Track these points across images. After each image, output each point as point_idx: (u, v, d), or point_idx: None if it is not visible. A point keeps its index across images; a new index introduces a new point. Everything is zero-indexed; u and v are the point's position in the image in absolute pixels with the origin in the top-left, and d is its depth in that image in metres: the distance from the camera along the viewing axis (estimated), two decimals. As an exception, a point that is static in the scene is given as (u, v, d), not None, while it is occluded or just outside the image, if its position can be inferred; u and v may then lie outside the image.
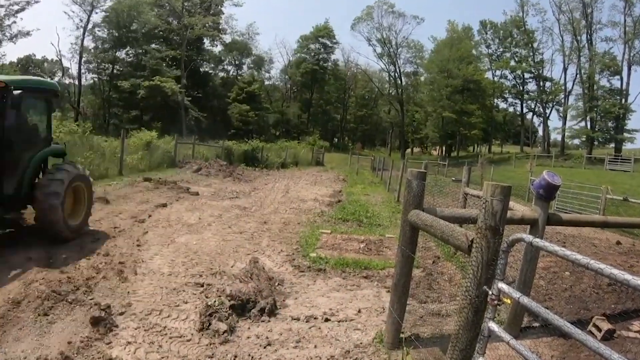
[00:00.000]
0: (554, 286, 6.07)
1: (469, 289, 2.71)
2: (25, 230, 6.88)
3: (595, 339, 1.94)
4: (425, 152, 78.94)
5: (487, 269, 2.63)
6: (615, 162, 40.36)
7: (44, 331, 3.88)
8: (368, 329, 4.46)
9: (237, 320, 4.41)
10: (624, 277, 1.74)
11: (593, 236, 10.88)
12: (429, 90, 61.71)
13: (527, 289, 4.35)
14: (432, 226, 3.37)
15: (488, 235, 2.63)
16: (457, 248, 3.43)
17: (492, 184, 2.70)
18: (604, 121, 51.18)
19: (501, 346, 3.58)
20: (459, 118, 56.87)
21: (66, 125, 16.32)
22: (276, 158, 31.49)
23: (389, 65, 70.55)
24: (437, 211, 3.96)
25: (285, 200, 13.53)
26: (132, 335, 3.93)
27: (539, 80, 61.19)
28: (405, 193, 3.95)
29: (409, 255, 3.93)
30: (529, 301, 2.31)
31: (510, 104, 69.65)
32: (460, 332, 2.77)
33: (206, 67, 64.75)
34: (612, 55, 51.58)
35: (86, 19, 50.97)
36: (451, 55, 58.37)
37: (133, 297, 4.79)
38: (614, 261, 7.86)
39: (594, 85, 51.56)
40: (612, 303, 5.51)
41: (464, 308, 2.74)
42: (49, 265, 5.54)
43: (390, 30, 67.76)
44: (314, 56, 68.05)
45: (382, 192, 18.28)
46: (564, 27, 55.12)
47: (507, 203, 2.71)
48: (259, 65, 70.98)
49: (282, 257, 6.94)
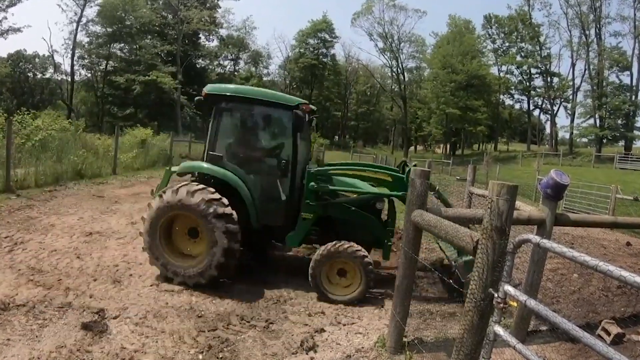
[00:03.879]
0: (561, 288, 6.06)
1: (474, 291, 2.70)
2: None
3: (604, 343, 1.94)
4: (429, 150, 78.85)
5: (492, 271, 2.61)
6: (625, 161, 40.27)
7: (35, 335, 3.88)
8: (370, 333, 4.46)
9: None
10: (634, 280, 1.73)
11: (602, 237, 10.86)
12: (432, 86, 61.62)
13: (534, 292, 4.34)
14: (436, 227, 3.36)
15: (494, 236, 2.62)
16: (462, 249, 3.42)
17: (498, 183, 2.69)
18: (613, 118, 51.03)
19: (507, 351, 3.58)
20: (463, 114, 56.79)
21: (58, 122, 16.28)
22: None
23: (392, 60, 70.59)
24: (441, 211, 3.96)
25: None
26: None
27: (546, 76, 60.99)
28: (408, 192, 3.94)
29: (412, 257, 3.92)
30: (536, 304, 2.31)
31: (517, 101, 69.41)
32: (465, 336, 2.76)
33: (202, 63, 64.71)
34: (621, 50, 51.60)
35: (80, 12, 51.03)
36: (454, 50, 58.30)
37: (126, 300, 4.79)
38: (624, 263, 7.86)
39: (602, 81, 51.41)
40: (622, 306, 5.51)
41: (468, 311, 2.73)
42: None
43: (392, 25, 67.78)
44: (313, 51, 68.03)
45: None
46: (572, 21, 55.05)
47: (513, 203, 2.70)
48: (256, 61, 70.96)
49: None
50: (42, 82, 59.47)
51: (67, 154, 13.10)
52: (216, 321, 4.45)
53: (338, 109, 74.11)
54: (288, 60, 72.53)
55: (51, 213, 8.34)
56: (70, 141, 14.60)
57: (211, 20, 59.61)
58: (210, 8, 59.42)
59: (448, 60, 58.39)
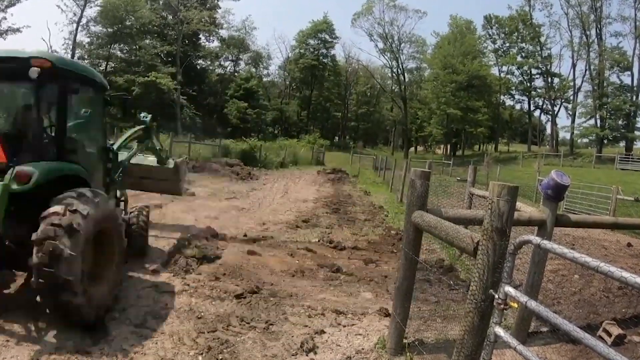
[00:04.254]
0: (562, 290, 6.07)
1: (474, 292, 2.70)
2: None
3: (605, 344, 1.94)
4: (429, 150, 78.84)
5: (493, 272, 2.62)
6: (626, 162, 40.25)
7: (34, 337, 3.88)
8: (370, 334, 4.45)
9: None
10: (635, 281, 1.73)
11: (603, 238, 10.86)
12: (433, 86, 61.63)
13: (534, 293, 4.34)
14: (436, 228, 3.37)
15: (494, 237, 2.63)
16: (462, 250, 3.43)
17: (498, 184, 2.70)
18: (614, 119, 51.05)
19: (508, 352, 3.57)
20: (464, 115, 56.81)
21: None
22: (275, 157, 31.48)
23: (392, 61, 70.63)
24: (442, 212, 3.96)
25: (285, 201, 13.56)
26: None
27: (546, 77, 60.98)
28: (408, 193, 3.94)
29: (412, 258, 3.92)
30: (537, 305, 2.31)
31: (517, 101, 69.44)
32: (466, 338, 2.76)
33: (202, 64, 64.68)
34: (622, 50, 51.62)
35: (80, 13, 50.98)
36: (455, 50, 58.34)
37: (126, 302, 4.79)
38: (625, 264, 7.86)
39: (603, 81, 51.45)
40: (623, 307, 5.51)
41: (469, 312, 2.74)
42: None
43: (392, 25, 67.82)
44: (313, 52, 68.06)
45: (384, 192, 18.30)
46: (572, 21, 55.07)
47: (514, 204, 2.71)
48: (256, 62, 70.93)
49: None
50: (42, 83, 59.35)
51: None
52: (216, 322, 4.45)
53: (338, 110, 74.10)
54: (288, 61, 72.54)
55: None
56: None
57: (211, 20, 59.61)
58: (210, 8, 59.40)
59: (449, 60, 58.42)
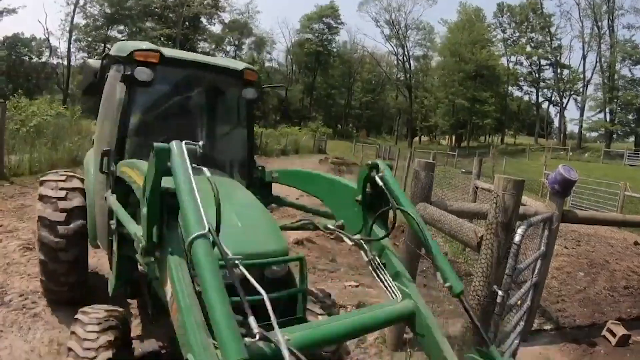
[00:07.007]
0: (567, 287, 6.05)
1: (477, 288, 2.69)
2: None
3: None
4: (434, 141, 78.55)
5: (497, 267, 2.60)
6: (635, 157, 40.06)
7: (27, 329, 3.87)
8: (369, 329, 4.44)
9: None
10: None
11: (609, 235, 10.80)
12: (440, 75, 61.31)
13: (538, 290, 4.33)
14: (439, 221, 3.34)
15: (499, 231, 2.61)
16: (465, 244, 3.41)
17: (504, 177, 2.67)
18: (624, 113, 50.80)
19: (510, 349, 3.57)
20: (471, 106, 56.58)
21: (54, 108, 16.19)
22: (276, 145, 31.37)
23: (398, 48, 70.24)
24: (446, 205, 3.93)
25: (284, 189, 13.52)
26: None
27: (556, 68, 60.54)
28: (412, 185, 3.91)
29: (414, 251, 3.90)
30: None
31: (526, 92, 69.03)
32: (467, 334, 2.76)
33: (204, 48, 64.36)
34: (634, 43, 51.16)
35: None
36: (463, 38, 57.95)
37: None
38: (632, 262, 7.83)
39: (614, 74, 51.12)
40: (629, 307, 5.51)
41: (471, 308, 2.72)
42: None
43: (399, 11, 67.38)
44: (318, 37, 67.68)
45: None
46: (584, 11, 54.70)
47: (519, 198, 2.68)
48: (259, 47, 70.56)
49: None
50: (38, 66, 59.13)
51: (62, 141, 13.03)
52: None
53: (342, 97, 73.80)
54: (292, 45, 72.19)
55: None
56: (66, 127, 14.52)
57: (213, 3, 59.24)
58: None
59: (457, 48, 58.06)
